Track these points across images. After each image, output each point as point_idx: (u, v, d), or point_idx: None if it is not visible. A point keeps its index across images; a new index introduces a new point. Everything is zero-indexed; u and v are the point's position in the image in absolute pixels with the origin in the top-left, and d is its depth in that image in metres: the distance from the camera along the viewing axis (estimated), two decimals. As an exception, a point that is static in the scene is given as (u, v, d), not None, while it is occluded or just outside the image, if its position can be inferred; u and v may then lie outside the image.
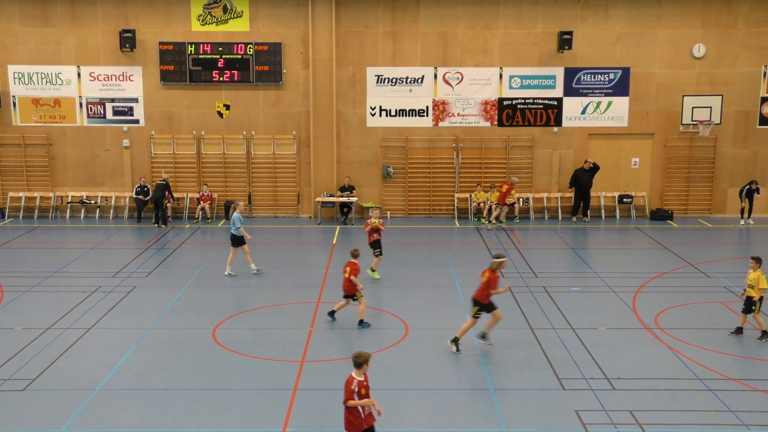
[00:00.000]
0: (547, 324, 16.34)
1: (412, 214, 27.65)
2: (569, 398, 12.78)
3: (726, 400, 12.64)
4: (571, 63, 27.01)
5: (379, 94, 27.18)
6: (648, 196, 27.76)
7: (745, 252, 23.16)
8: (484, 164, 27.49)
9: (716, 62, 26.95)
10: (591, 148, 27.46)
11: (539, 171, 27.62)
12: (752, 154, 27.37)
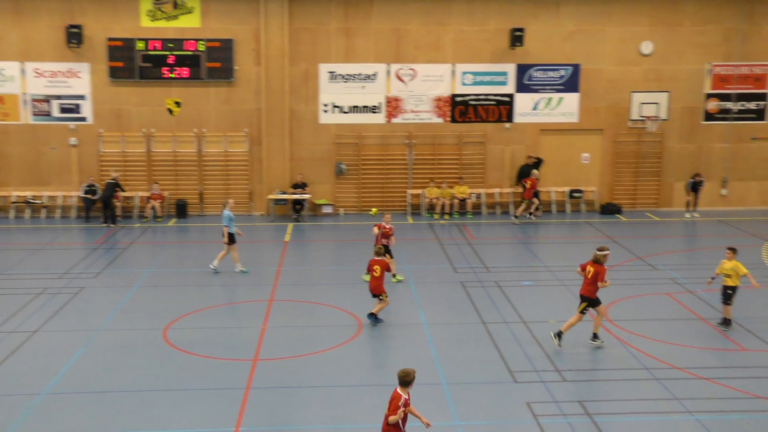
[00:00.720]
0: (499, 318, 16.49)
1: (365, 210, 27.65)
2: (521, 391, 12.93)
3: (672, 388, 12.91)
4: (523, 59, 27.27)
5: (332, 90, 27.11)
6: (598, 191, 28.16)
7: (691, 244, 23.71)
8: (437, 160, 27.61)
9: (663, 59, 27.44)
10: (542, 143, 27.76)
11: (492, 167, 27.83)
12: (697, 149, 27.95)
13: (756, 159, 28.15)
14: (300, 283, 19.19)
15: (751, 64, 27.56)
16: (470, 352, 14.68)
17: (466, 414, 12.13)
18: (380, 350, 14.81)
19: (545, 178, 27.52)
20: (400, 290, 18.47)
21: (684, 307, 17.11)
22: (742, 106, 27.85)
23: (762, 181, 28.29)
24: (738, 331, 15.62)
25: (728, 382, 13.18)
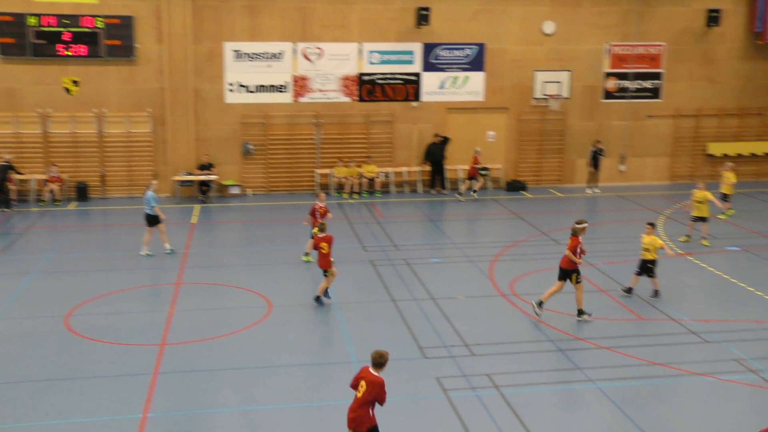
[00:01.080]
0: (409, 295, 16.66)
1: (273, 190, 27.39)
2: (431, 366, 13.13)
3: (575, 358, 13.37)
4: (429, 39, 27.43)
5: (238, 69, 26.63)
6: (503, 168, 28.71)
7: (592, 219, 24.40)
8: (344, 140, 27.56)
9: (564, 39, 28.09)
10: (449, 122, 28.06)
11: (399, 145, 27.98)
12: (597, 127, 28.80)
13: (652, 136, 29.23)
14: (208, 266, 18.89)
15: (647, 44, 28.52)
16: (380, 330, 14.80)
17: (377, 391, 12.22)
18: (291, 331, 14.76)
19: (452, 156, 27.86)
20: (310, 270, 18.41)
21: (586, 280, 17.66)
22: (639, 85, 28.83)
23: (657, 158, 29.41)
24: (636, 301, 16.26)
25: (627, 350, 13.72)
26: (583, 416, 11.55)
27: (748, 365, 13.08)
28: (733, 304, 16.15)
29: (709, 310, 15.91)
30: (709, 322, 15.09)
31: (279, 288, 17.17)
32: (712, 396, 12.16)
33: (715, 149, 29.36)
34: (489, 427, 11.10)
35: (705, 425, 11.23)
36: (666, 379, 12.67)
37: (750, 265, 18.84)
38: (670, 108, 29.04)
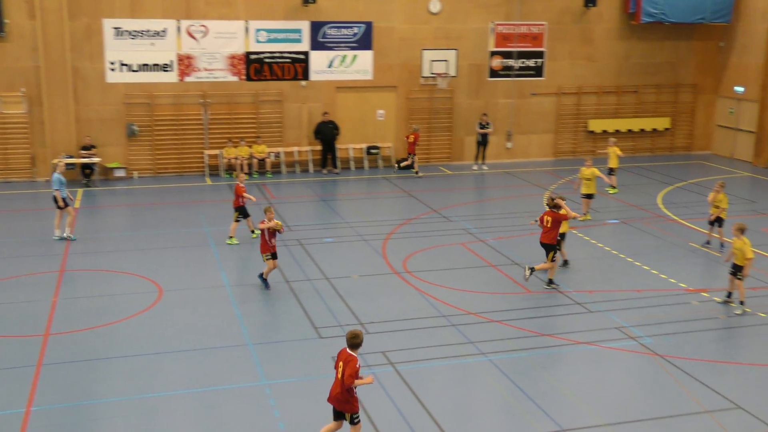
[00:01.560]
0: (303, 276, 16.62)
1: (161, 172, 26.65)
2: (326, 346, 13.16)
3: (466, 332, 13.69)
4: (317, 17, 27.21)
5: (119, 47, 25.66)
6: (394, 147, 28.93)
7: (481, 196, 24.99)
8: (233, 120, 27.08)
9: (450, 18, 28.45)
10: (338, 101, 28.01)
11: (289, 125, 27.73)
12: (484, 105, 29.39)
13: (536, 113, 30.09)
14: (94, 252, 18.24)
15: (530, 23, 29.25)
16: (275, 311, 14.73)
17: (273, 373, 12.19)
18: (183, 315, 14.47)
19: (342, 136, 27.85)
20: (201, 253, 18.08)
21: (477, 256, 18.10)
22: (523, 64, 29.58)
23: (541, 134, 30.31)
24: (523, 274, 16.76)
25: (516, 323, 14.17)
26: (476, 388, 11.86)
27: (629, 332, 13.75)
28: (614, 274, 16.90)
29: (592, 281, 16.59)
30: (592, 293, 15.75)
31: (169, 272, 16.79)
32: (596, 363, 12.72)
33: (595, 126, 30.53)
34: (385, 403, 11.26)
35: (590, 391, 11.74)
36: (553, 349, 13.16)
37: (628, 237, 19.75)
38: (552, 86, 29.94)
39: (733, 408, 11.15)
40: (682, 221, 21.14)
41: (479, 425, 10.78)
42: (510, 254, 18.11)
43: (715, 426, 10.66)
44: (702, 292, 15.74)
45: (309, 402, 11.34)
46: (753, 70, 29.45)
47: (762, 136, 28.82)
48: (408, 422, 10.71)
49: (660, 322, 14.16)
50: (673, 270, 17.06)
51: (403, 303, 15.20)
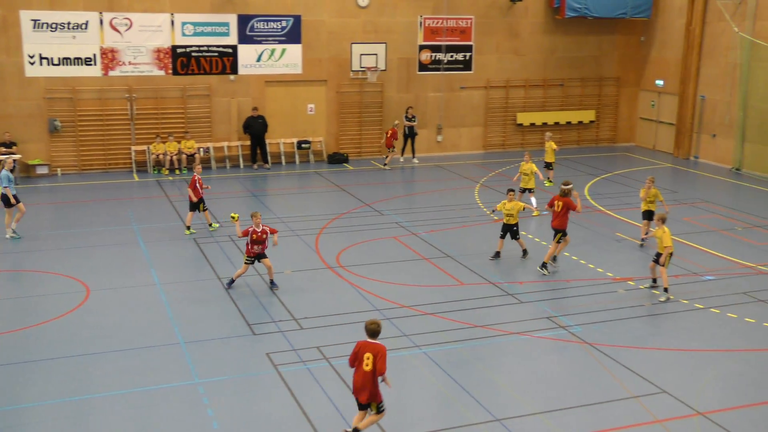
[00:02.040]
0: (234, 273, 16.42)
1: (86, 169, 25.98)
2: (260, 342, 13.08)
3: (401, 325, 13.77)
4: (244, 10, 26.90)
5: (38, 40, 24.87)
6: (325, 141, 28.85)
7: (412, 189, 25.12)
8: (161, 114, 26.57)
9: (379, 11, 28.49)
10: (268, 95, 27.77)
11: (218, 120, 27.37)
12: (414, 98, 29.55)
13: (465, 107, 30.41)
14: (17, 252, 17.69)
15: (457, 17, 29.52)
16: (207, 309, 14.54)
17: (206, 371, 12.04)
18: (112, 315, 14.16)
19: (272, 130, 27.63)
20: (130, 252, 17.72)
21: (409, 249, 18.21)
22: (452, 57, 29.84)
23: (471, 128, 30.66)
24: (456, 267, 16.95)
25: (449, 315, 14.32)
26: (411, 381, 11.95)
27: (559, 322, 14.05)
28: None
29: (522, 272, 16.87)
30: (522, 284, 16.03)
31: (97, 272, 16.40)
32: (528, 353, 12.96)
33: (524, 119, 31.04)
34: (320, 399, 11.24)
35: (522, 380, 11.96)
36: (486, 340, 13.35)
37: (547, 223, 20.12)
38: (481, 79, 30.30)
39: (658, 392, 11.51)
40: (609, 212, 21.68)
41: (414, 417, 10.86)
42: (442, 247, 18.28)
43: (641, 410, 10.98)
44: (628, 281, 16.18)
45: (243, 400, 11.25)
46: (672, 64, 30.38)
47: (681, 128, 29.77)
48: (344, 417, 10.72)
49: (589, 311, 14.51)
50: (601, 260, 17.49)
51: (337, 297, 15.19)
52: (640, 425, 10.52)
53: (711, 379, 12.03)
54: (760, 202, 23.00)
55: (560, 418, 10.81)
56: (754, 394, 11.53)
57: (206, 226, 19.53)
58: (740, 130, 27.35)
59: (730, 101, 27.81)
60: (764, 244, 18.73)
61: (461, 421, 10.72)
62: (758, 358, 12.74)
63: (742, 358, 12.77)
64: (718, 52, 28.23)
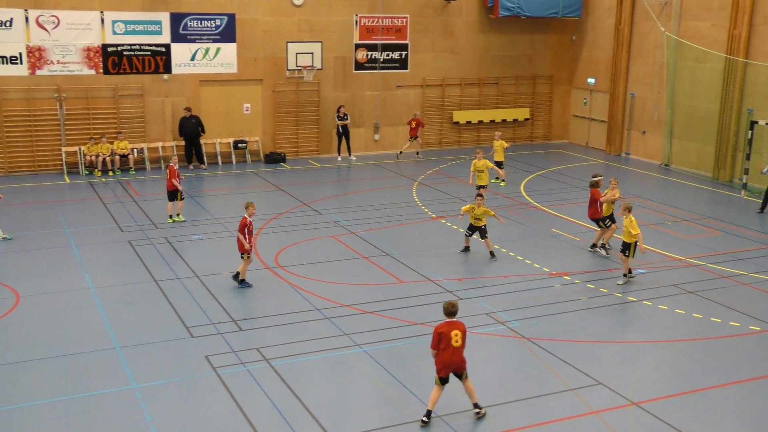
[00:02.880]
0: (172, 275, 16.19)
1: (13, 172, 25.22)
2: (199, 345, 12.90)
3: (341, 325, 13.75)
4: (177, 8, 26.48)
5: (-39, 39, 24.08)
6: (261, 141, 28.60)
7: (350, 188, 25.11)
8: (92, 115, 25.96)
9: (314, 10, 28.37)
10: (203, 94, 27.40)
11: (152, 120, 26.88)
12: (351, 97, 29.53)
13: (401, 105, 30.52)
14: (-60, 258, 17.08)
15: (392, 16, 29.60)
16: (143, 312, 14.27)
17: (143, 376, 11.82)
18: (45, 321, 13.77)
19: (208, 130, 27.28)
20: (61, 255, 17.28)
21: (348, 248, 18.20)
22: (388, 56, 29.92)
23: (408, 126, 30.76)
24: (395, 265, 17.01)
25: (389, 313, 14.36)
26: (352, 380, 11.94)
27: (497, 317, 14.22)
28: (482, 262, 17.41)
29: (461, 269, 17.03)
30: (461, 280, 16.18)
31: (27, 277, 15.94)
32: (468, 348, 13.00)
33: (460, 117, 31.32)
34: (261, 400, 11.15)
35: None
36: (426, 337, 13.34)
37: (495, 224, 20.35)
38: (417, 78, 30.45)
39: (594, 384, 11.76)
40: (544, 208, 22.04)
41: (356, 415, 10.86)
42: (381, 245, 18.32)
43: (579, 403, 11.20)
44: (564, 276, 16.47)
45: (182, 404, 11.08)
46: (603, 62, 31.05)
47: (613, 125, 30.46)
48: (285, 418, 10.66)
49: (526, 306, 14.72)
50: (537, 255, 17.77)
51: (276, 298, 15.09)
52: (577, 417, 10.73)
53: (644, 370, 12.34)
54: (688, 197, 23.69)
55: (500, 412, 10.95)
56: (684, 383, 11.87)
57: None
58: (668, 127, 28.13)
59: (658, 99, 28.57)
60: (692, 237, 19.30)
61: (403, 418, 10.76)
62: (688, 348, 13.12)
63: (673, 348, 13.14)
64: (647, 51, 28.97)
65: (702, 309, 14.70)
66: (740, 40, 24.87)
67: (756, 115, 24.48)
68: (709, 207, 22.50)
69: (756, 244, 18.81)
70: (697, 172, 26.93)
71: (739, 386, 11.77)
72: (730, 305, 14.87)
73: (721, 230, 20.02)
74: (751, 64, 24.79)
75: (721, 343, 13.32)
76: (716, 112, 25.96)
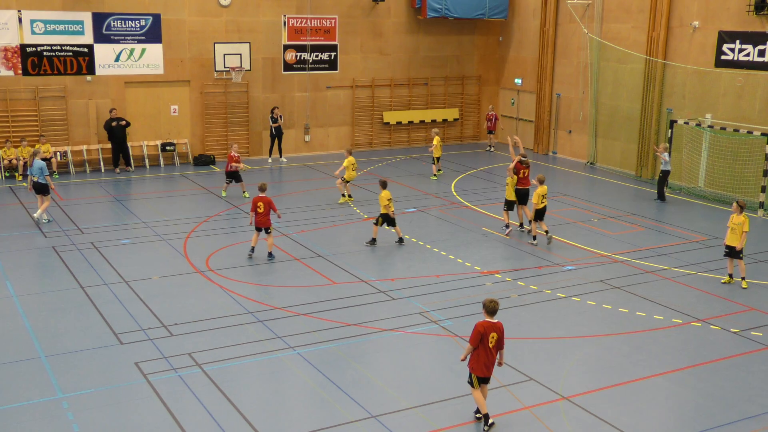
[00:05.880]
0: (99, 280, 15.82)
1: (-71, 177, 24.27)
2: (128, 352, 12.63)
3: (274, 328, 13.66)
4: (99, 8, 25.87)
5: None
6: (190, 143, 28.17)
7: (282, 189, 24.94)
8: (11, 117, 25.14)
9: (241, 11, 28.09)
10: (129, 96, 26.84)
11: (76, 122, 26.20)
12: (280, 98, 29.35)
13: (332, 106, 30.49)
14: None
15: (321, 17, 29.54)
16: (69, 320, 13.90)
17: (70, 385, 11.51)
18: (-37, 332, 13.29)
19: (135, 132, 26.73)
20: (-18, 263, 16.69)
21: (280, 250, 18.07)
22: (317, 57, 29.83)
23: (339, 127, 30.77)
24: (327, 266, 16.98)
25: (323, 314, 14.32)
26: (286, 383, 11.86)
27: (430, 316, 14.33)
28: (414, 262, 17.52)
29: (393, 269, 17.11)
30: (394, 280, 16.25)
31: (-55, 286, 15.35)
32: (402, 349, 13.14)
33: (390, 117, 31.45)
34: (194, 406, 10.98)
35: (397, 376, 12.11)
36: (360, 338, 13.43)
37: (426, 224, 20.56)
38: (347, 79, 30.46)
39: (526, 380, 11.96)
40: (475, 207, 22.31)
41: (290, 418, 10.80)
42: (313, 247, 18.26)
43: (511, 399, 11.37)
44: (495, 274, 16.71)
45: (111, 413, 10.82)
46: (529, 63, 31.62)
47: (540, 125, 31.04)
48: (218, 423, 10.52)
49: (459, 305, 14.88)
50: (468, 254, 17.98)
51: (208, 302, 14.88)
52: (509, 413, 10.90)
53: (573, 365, 12.61)
54: (613, 194, 24.32)
55: (435, 410, 11.03)
56: (612, 376, 12.18)
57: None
58: (593, 126, 28.82)
59: (583, 99, 29.25)
60: (618, 234, 19.82)
61: (337, 420, 10.75)
62: (614, 342, 13.47)
63: (601, 342, 13.47)
64: (571, 52, 29.62)
65: (627, 304, 15.11)
66: (659, 41, 25.67)
67: (675, 114, 25.30)
68: (633, 204, 23.14)
69: (677, 240, 19.43)
70: (621, 170, 27.68)
71: (663, 378, 12.15)
72: (654, 299, 15.33)
73: (645, 226, 20.62)
74: (669, 65, 25.61)
75: (646, 336, 13.71)
76: (638, 112, 26.74)
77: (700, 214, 22.05)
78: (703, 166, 24.40)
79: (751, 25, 23.14)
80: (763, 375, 12.27)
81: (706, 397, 11.54)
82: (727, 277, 16.26)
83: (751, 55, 23.17)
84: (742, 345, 13.31)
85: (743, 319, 14.40)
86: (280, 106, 28.80)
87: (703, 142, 24.35)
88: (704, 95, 24.69)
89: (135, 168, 26.82)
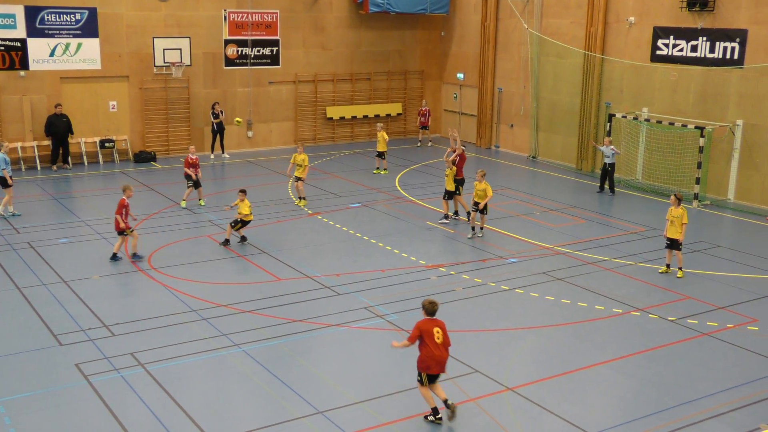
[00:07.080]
0: (37, 281, 15.45)
1: None
2: (68, 353, 12.38)
3: (219, 325, 13.53)
4: (32, 1, 25.20)
5: None
6: (130, 139, 27.66)
7: (223, 186, 24.69)
8: (-59, 114, 24.38)
9: (181, 5, 27.67)
10: (65, 92, 26.21)
11: (10, 119, 25.49)
12: (222, 93, 29.01)
13: (275, 102, 30.27)
14: None
15: (262, 11, 29.29)
16: (5, 322, 13.55)
17: (7, 389, 11.24)
18: None
19: (76, 129, 26.12)
20: None
21: (224, 247, 17.89)
22: (258, 52, 29.58)
23: (282, 122, 30.57)
24: (272, 262, 16.87)
25: (268, 311, 14.24)
26: (231, 380, 11.76)
27: (376, 311, 14.36)
28: (359, 256, 17.53)
29: (338, 264, 17.07)
30: (339, 275, 16.23)
31: None
32: (348, 344, 13.15)
33: (333, 113, 31.37)
34: (137, 407, 10.81)
35: (343, 371, 12.11)
36: (306, 334, 13.39)
37: (371, 219, 20.57)
38: (289, 74, 30.27)
39: (471, 372, 12.08)
40: (419, 201, 22.42)
41: (236, 416, 10.71)
42: (257, 243, 18.12)
43: (456, 390, 11.47)
44: (440, 267, 16.82)
45: (51, 416, 10.59)
46: (471, 58, 31.88)
47: (482, 119, 31.33)
48: (163, 423, 10.38)
49: (404, 299, 14.93)
50: (413, 248, 18.06)
51: (151, 301, 14.67)
52: (455, 405, 10.98)
53: (518, 356, 12.78)
54: (554, 188, 24.70)
55: (381, 404, 11.07)
56: (555, 367, 12.39)
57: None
58: (534, 120, 29.21)
59: (524, 93, 29.62)
60: (559, 226, 20.14)
61: (284, 416, 10.70)
62: (557, 333, 13.70)
63: (544, 333, 13.68)
64: (512, 47, 29.95)
65: (570, 295, 15.37)
66: (597, 37, 26.14)
67: (613, 108, 25.81)
68: (574, 196, 23.53)
69: (617, 231, 19.84)
70: (562, 163, 28.12)
71: (605, 366, 12.40)
72: (595, 290, 15.63)
73: (586, 218, 20.99)
74: (607, 60, 26.11)
75: (588, 326, 13.98)
76: (578, 106, 27.20)
77: (638, 205, 22.54)
78: (640, 159, 24.96)
79: (684, 21, 23.73)
80: (699, 361, 12.63)
81: (646, 384, 11.82)
82: (664, 267, 16.68)
83: (684, 50, 23.78)
84: (680, 333, 13.67)
85: (680, 308, 14.79)
86: (222, 102, 28.49)
87: (640, 136, 24.91)
88: (641, 89, 25.25)
89: (73, 165, 26.23)
